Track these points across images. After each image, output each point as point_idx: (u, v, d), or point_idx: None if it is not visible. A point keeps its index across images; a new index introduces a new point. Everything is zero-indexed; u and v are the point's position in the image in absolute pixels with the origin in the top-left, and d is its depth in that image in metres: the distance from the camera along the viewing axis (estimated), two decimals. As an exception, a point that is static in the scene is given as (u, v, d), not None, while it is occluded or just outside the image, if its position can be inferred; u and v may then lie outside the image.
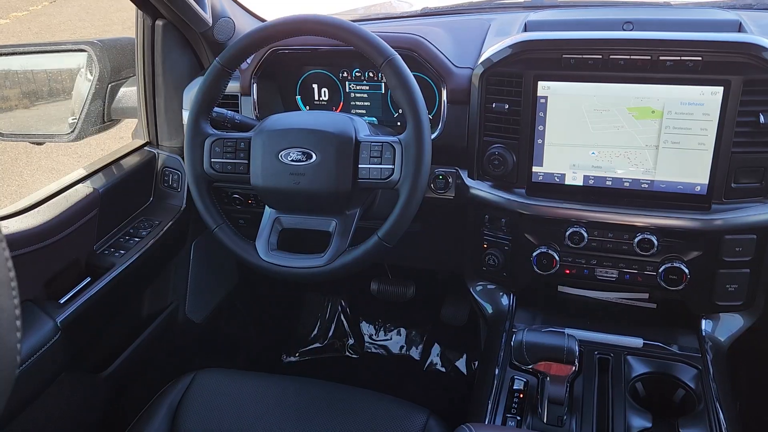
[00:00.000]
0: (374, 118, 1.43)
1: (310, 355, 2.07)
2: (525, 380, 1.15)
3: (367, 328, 2.10)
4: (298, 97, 1.48)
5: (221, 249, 1.21)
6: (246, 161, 1.18)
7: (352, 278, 1.96)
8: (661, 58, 1.12)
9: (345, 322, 2.12)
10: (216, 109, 1.24)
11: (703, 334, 1.25)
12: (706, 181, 1.16)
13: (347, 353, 2.07)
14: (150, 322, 1.47)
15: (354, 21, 1.17)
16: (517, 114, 1.22)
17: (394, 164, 1.10)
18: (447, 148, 1.29)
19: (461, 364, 1.96)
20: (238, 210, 1.53)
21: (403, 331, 2.07)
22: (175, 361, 1.62)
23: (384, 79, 1.41)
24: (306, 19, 1.13)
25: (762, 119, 1.10)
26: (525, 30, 1.33)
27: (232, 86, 1.39)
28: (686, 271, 1.21)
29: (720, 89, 1.10)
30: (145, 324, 1.46)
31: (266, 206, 1.23)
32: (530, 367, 1.05)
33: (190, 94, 1.46)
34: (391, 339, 2.07)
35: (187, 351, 1.67)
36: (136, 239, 1.35)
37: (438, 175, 1.31)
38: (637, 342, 1.23)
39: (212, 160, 1.18)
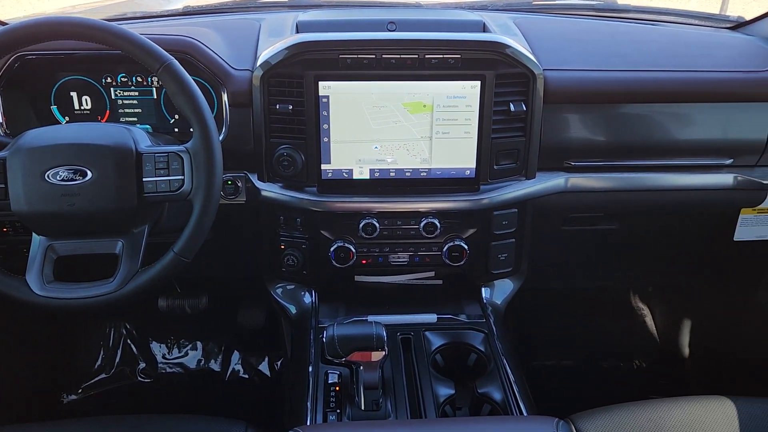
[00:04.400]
0: (148, 126, 1.34)
1: (95, 389, 1.88)
2: (338, 372, 1.18)
3: (158, 349, 1.97)
4: (54, 108, 1.32)
5: None
6: (2, 185, 1.02)
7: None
8: (426, 56, 1.22)
9: (132, 346, 1.96)
10: None
11: (484, 301, 1.40)
12: (474, 165, 1.29)
13: (139, 379, 1.92)
14: None
15: (106, 20, 1.08)
16: (302, 114, 1.24)
17: (183, 174, 1.05)
18: (233, 152, 1.26)
19: (264, 367, 1.94)
20: None
21: (199, 344, 1.98)
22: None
23: (155, 84, 1.32)
24: (61, 21, 1.01)
25: (512, 107, 1.26)
26: (297, 31, 1.34)
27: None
28: (465, 247, 1.34)
29: (478, 83, 1.24)
30: None
31: (33, 234, 1.08)
32: (343, 359, 1.08)
33: None
34: (186, 355, 1.97)
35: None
36: None
37: (227, 180, 1.28)
38: (432, 318, 1.34)
39: None
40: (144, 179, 1.04)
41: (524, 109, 1.26)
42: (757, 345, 1.79)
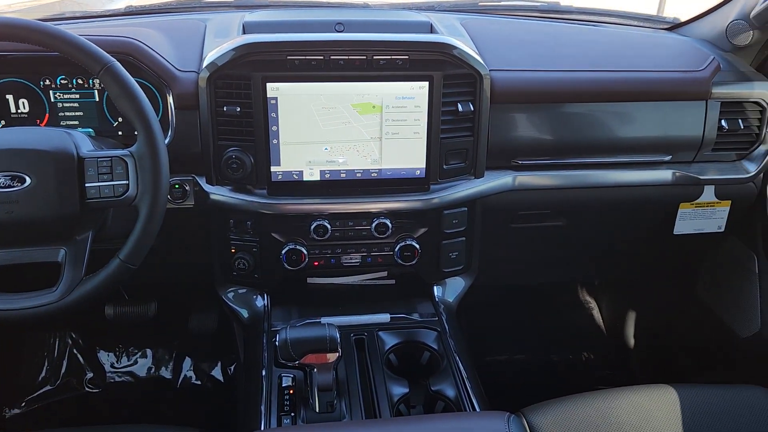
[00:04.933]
0: (91, 130, 1.30)
1: (40, 401, 1.82)
2: (292, 375, 1.17)
3: (106, 358, 1.92)
4: (-12, 111, 1.27)
5: None
6: None
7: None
8: (374, 57, 1.22)
9: (79, 356, 1.90)
10: None
11: (437, 299, 1.42)
12: (424, 165, 1.31)
13: (87, 389, 1.86)
14: None
15: (43, 21, 1.04)
16: (250, 116, 1.22)
17: (128, 179, 1.02)
18: (180, 155, 1.23)
19: (217, 372, 1.91)
20: None
21: (148, 351, 1.94)
22: None
23: (97, 86, 1.28)
24: None
25: (460, 108, 1.28)
26: (244, 31, 1.33)
27: None
28: (417, 246, 1.35)
29: (426, 84, 1.25)
30: None
31: None
32: (297, 362, 1.08)
33: None
34: (136, 363, 1.92)
35: None
36: None
37: (174, 184, 1.25)
38: (385, 317, 1.34)
39: None
40: (86, 185, 1.01)
41: (472, 109, 1.28)
42: (696, 334, 1.86)
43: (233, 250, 1.33)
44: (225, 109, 1.21)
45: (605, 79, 1.37)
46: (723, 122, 1.41)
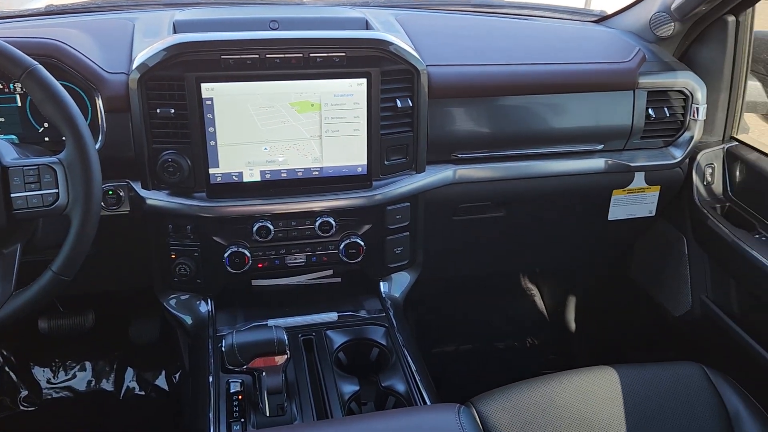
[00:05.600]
0: (14, 136, 1.23)
1: (-29, 424, 1.73)
2: (240, 381, 1.15)
3: (42, 373, 1.83)
4: None
5: None
6: None
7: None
8: (311, 55, 1.21)
9: (11, 373, 1.81)
10: None
11: (383, 295, 1.42)
12: (365, 162, 1.30)
13: (22, 408, 1.78)
14: None
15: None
16: (185, 118, 1.19)
17: (57, 188, 0.98)
18: (113, 160, 1.19)
19: (162, 381, 1.86)
20: None
21: (87, 364, 1.86)
22: None
23: (18, 90, 1.22)
24: None
25: (399, 104, 1.28)
26: (174, 31, 1.29)
27: None
28: (362, 243, 1.35)
29: (364, 80, 1.24)
30: None
31: None
32: (245, 367, 1.06)
33: None
34: (75, 377, 1.84)
35: None
36: None
37: (107, 190, 1.21)
38: (332, 316, 1.34)
39: None
40: (12, 195, 0.96)
41: (410, 104, 1.29)
42: (633, 315, 1.94)
43: (173, 256, 1.30)
44: (158, 111, 1.18)
45: (538, 72, 1.41)
46: (650, 111, 1.46)
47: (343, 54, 1.22)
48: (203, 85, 1.17)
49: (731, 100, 1.55)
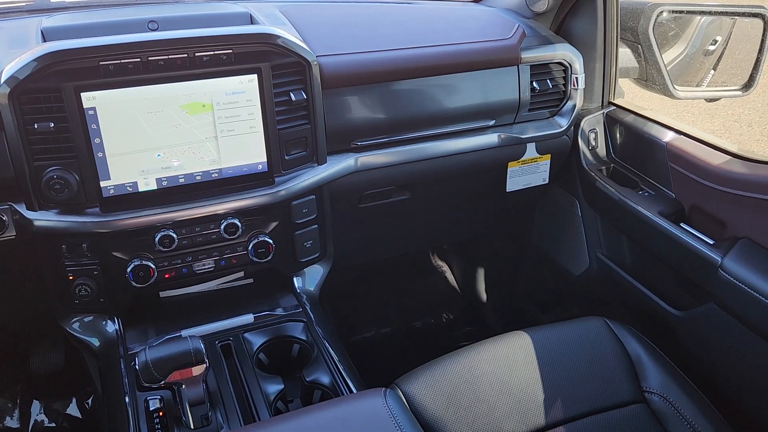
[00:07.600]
0: None
1: None
2: (159, 397, 1.12)
3: (-64, 421, 1.69)
4: None
5: None
6: None
7: None
8: (197, 54, 1.17)
9: None
10: None
11: (298, 290, 1.42)
12: (265, 159, 1.29)
13: None
14: None
15: None
16: (67, 131, 1.12)
17: None
18: (-10, 182, 1.11)
19: (74, 409, 1.76)
20: None
21: (-13, 404, 1.74)
22: None
23: None
24: None
25: (293, 97, 1.27)
26: (44, 39, 1.21)
27: None
28: (270, 241, 1.33)
29: (254, 76, 1.22)
30: None
31: None
32: (162, 382, 1.02)
33: None
34: (-26, 419, 1.71)
35: None
36: None
37: (-13, 216, 1.12)
38: (248, 318, 1.32)
39: None
40: None
41: (305, 97, 1.28)
42: (538, 279, 2.04)
43: (71, 277, 1.23)
44: (36, 126, 1.10)
45: (425, 54, 1.44)
46: (534, 84, 1.53)
47: (231, 51, 1.20)
48: (84, 95, 1.11)
49: (606, 67, 1.65)
